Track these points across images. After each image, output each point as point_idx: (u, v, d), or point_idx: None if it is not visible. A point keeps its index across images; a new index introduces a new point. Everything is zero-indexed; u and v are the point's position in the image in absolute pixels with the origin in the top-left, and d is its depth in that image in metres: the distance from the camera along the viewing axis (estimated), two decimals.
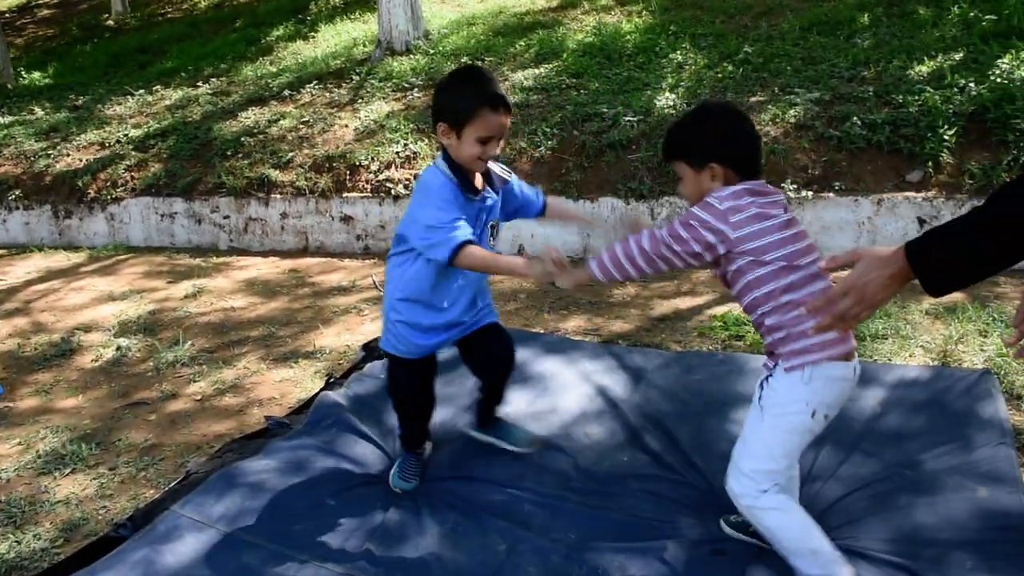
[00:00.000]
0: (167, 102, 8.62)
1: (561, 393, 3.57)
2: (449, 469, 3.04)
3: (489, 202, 2.66)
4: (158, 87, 9.15)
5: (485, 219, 2.68)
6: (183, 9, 14.27)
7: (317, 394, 3.71)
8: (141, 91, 9.08)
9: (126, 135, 7.80)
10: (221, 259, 6.46)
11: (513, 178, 2.80)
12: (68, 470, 3.44)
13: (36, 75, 11.19)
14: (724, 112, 2.33)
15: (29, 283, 6.19)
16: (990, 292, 4.68)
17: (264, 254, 6.58)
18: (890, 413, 3.26)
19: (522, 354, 3.91)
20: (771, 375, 2.30)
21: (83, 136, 7.97)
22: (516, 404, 3.46)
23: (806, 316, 2.15)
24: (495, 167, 2.66)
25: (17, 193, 7.60)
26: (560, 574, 2.49)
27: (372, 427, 3.33)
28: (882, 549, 2.50)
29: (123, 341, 4.79)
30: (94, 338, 4.93)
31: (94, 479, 3.35)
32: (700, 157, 2.24)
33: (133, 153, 7.45)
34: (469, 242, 2.45)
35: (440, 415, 3.36)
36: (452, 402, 3.50)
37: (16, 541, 2.95)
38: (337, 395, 3.53)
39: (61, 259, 6.84)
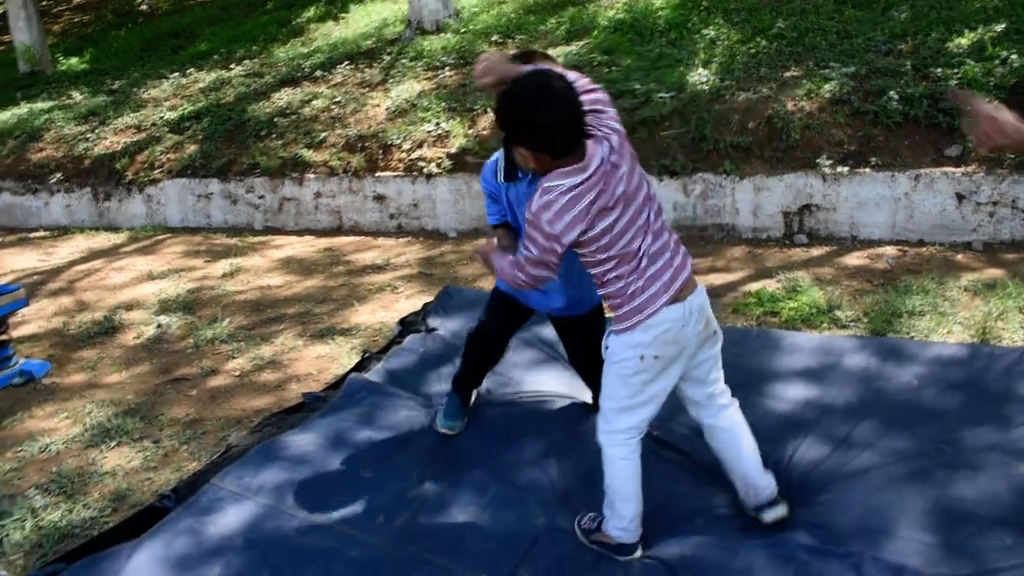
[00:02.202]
0: (201, 84, 8.70)
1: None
2: (490, 439, 3.08)
3: (523, 184, 2.76)
4: (192, 70, 9.24)
5: (525, 201, 2.74)
6: None
7: (354, 368, 3.77)
8: (176, 74, 9.17)
9: (162, 118, 7.90)
10: (257, 238, 6.55)
11: None
12: (114, 443, 3.54)
13: (73, 60, 11.36)
14: (517, 95, 2.22)
15: (72, 263, 6.33)
16: None
17: (299, 233, 6.65)
18: (928, 389, 3.24)
19: (548, 329, 3.94)
20: (610, 331, 2.45)
21: (120, 119, 8.09)
22: (553, 382, 3.50)
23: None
24: None
25: (58, 176, 7.75)
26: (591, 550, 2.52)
27: (409, 399, 3.38)
28: (919, 523, 2.50)
29: (163, 319, 4.89)
30: (136, 316, 5.03)
31: (139, 452, 3.45)
32: (526, 140, 2.25)
33: (169, 135, 7.55)
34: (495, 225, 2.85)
35: (490, 382, 3.42)
36: (504, 372, 3.54)
37: (68, 510, 3.05)
38: (374, 369, 3.58)
39: (102, 240, 6.97)
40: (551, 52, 7.26)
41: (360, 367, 3.78)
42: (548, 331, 3.95)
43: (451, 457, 2.97)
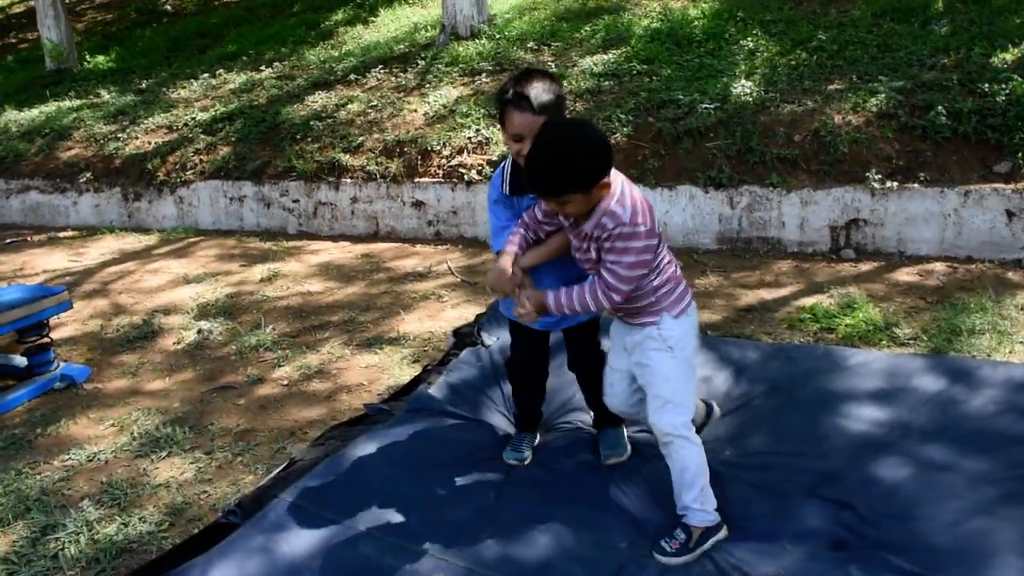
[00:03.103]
0: (231, 86, 8.66)
1: None
2: (559, 461, 3.01)
3: (531, 200, 2.75)
4: (221, 71, 9.20)
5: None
6: None
7: (415, 381, 3.70)
8: (205, 75, 9.13)
9: (193, 118, 7.85)
10: (292, 243, 6.49)
11: None
12: (164, 453, 3.47)
13: (100, 59, 11.33)
14: (583, 130, 2.38)
15: (104, 264, 6.27)
16: None
17: (334, 239, 6.59)
18: (1006, 414, 3.16)
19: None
20: (659, 324, 2.54)
21: (151, 119, 8.05)
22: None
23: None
24: None
25: (88, 176, 7.70)
26: (683, 572, 2.45)
27: (476, 413, 3.32)
28: (1019, 548, 2.43)
29: (204, 324, 4.83)
30: (175, 320, 4.97)
31: (191, 463, 3.38)
32: (592, 181, 2.32)
33: (202, 136, 7.50)
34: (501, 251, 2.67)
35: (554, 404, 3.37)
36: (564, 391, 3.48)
37: (123, 524, 2.98)
38: (436, 383, 3.52)
39: (133, 241, 6.92)
40: (588, 60, 7.21)
41: (419, 379, 3.71)
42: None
43: (525, 478, 2.90)
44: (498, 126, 6.40)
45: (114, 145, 7.82)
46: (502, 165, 2.82)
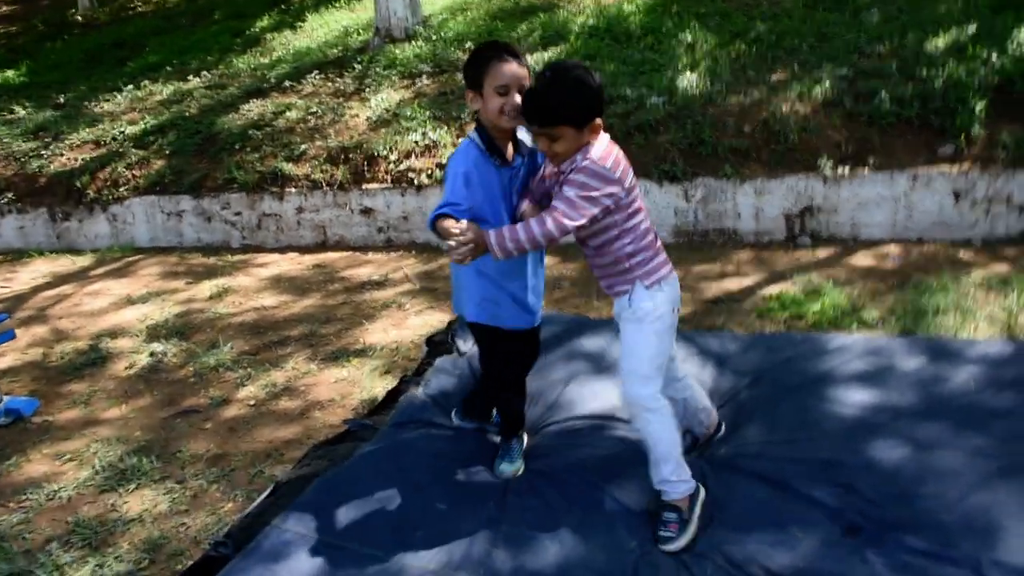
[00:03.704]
0: (158, 97, 8.31)
1: None
2: (556, 465, 2.93)
3: (517, 164, 2.72)
4: (145, 82, 8.82)
5: (518, 187, 2.74)
6: (153, 2, 13.83)
7: (393, 393, 3.57)
8: (129, 87, 8.74)
9: (122, 132, 7.49)
10: (237, 257, 6.25)
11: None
12: (132, 486, 3.27)
13: (10, 73, 10.76)
14: (585, 69, 2.43)
15: (37, 289, 5.93)
16: None
17: (281, 250, 6.37)
18: (987, 390, 3.22)
19: (594, 342, 3.84)
20: (631, 293, 2.55)
21: (76, 135, 7.65)
22: (604, 397, 3.37)
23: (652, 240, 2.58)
24: (524, 137, 2.75)
25: (10, 196, 7.27)
26: (699, 571, 2.40)
27: (464, 422, 3.22)
28: (1021, 515, 2.48)
29: (156, 346, 4.59)
30: (123, 344, 4.72)
31: (164, 494, 3.19)
32: (586, 116, 2.39)
33: (133, 151, 7.16)
34: (445, 215, 2.50)
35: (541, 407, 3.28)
36: (550, 392, 3.40)
37: (98, 565, 2.79)
38: (419, 392, 3.40)
39: (66, 263, 6.57)
40: (529, 59, 7.15)
41: (398, 391, 3.58)
42: (589, 342, 3.83)
43: (524, 486, 2.81)
44: (446, 127, 6.31)
45: (37, 163, 7.41)
46: (468, 139, 2.69)
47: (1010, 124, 5.30)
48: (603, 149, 2.43)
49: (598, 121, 2.43)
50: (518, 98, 2.53)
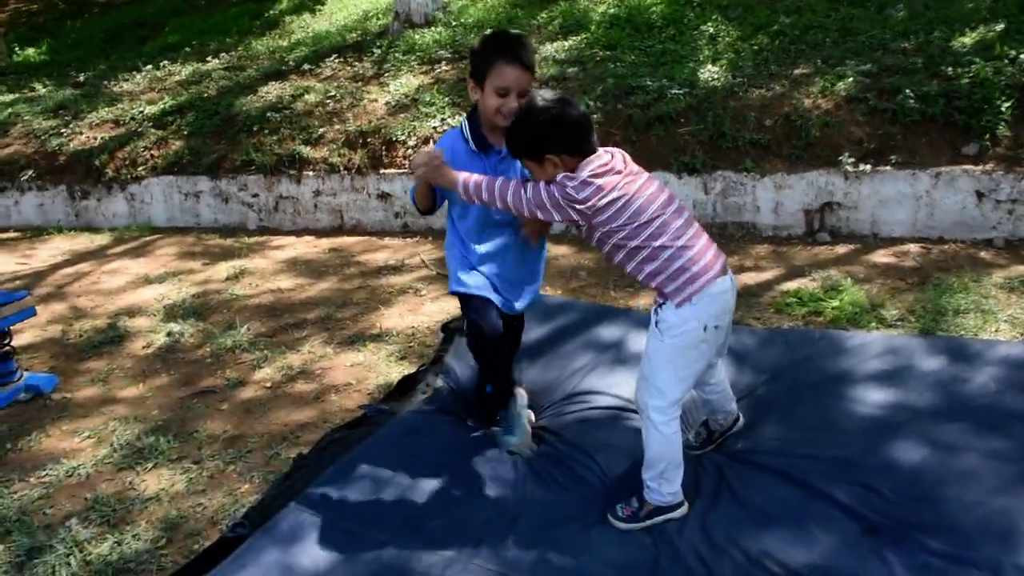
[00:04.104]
0: (177, 78, 8.33)
1: None
2: (576, 454, 2.93)
3: (504, 153, 2.75)
4: (165, 63, 8.84)
5: (505, 173, 2.79)
6: None
7: (410, 379, 3.58)
8: (148, 67, 8.76)
9: (141, 112, 7.51)
10: (253, 239, 6.27)
11: None
12: (150, 464, 3.29)
13: (31, 51, 10.80)
14: (548, 105, 2.49)
15: (56, 267, 5.96)
16: None
17: (298, 233, 6.38)
18: (1007, 391, 3.19)
19: (615, 331, 3.84)
20: (659, 307, 2.55)
21: (95, 113, 7.68)
22: (623, 387, 3.36)
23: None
24: None
25: (30, 173, 7.31)
26: (716, 565, 2.39)
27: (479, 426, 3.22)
28: None
29: (174, 326, 4.61)
30: (141, 323, 4.74)
31: (181, 473, 3.21)
32: (533, 151, 2.49)
33: (152, 131, 7.18)
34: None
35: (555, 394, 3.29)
36: (566, 380, 3.40)
37: (116, 542, 2.80)
38: (438, 380, 3.40)
39: (84, 241, 6.60)
40: (549, 47, 7.12)
41: (413, 377, 3.59)
42: (607, 331, 3.83)
43: (540, 476, 2.81)
44: (464, 114, 6.28)
45: (57, 141, 7.44)
46: (460, 125, 2.85)
47: None
48: (573, 184, 2.44)
49: (551, 157, 2.47)
50: (514, 103, 2.61)
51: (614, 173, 2.46)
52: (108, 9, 12.83)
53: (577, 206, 2.44)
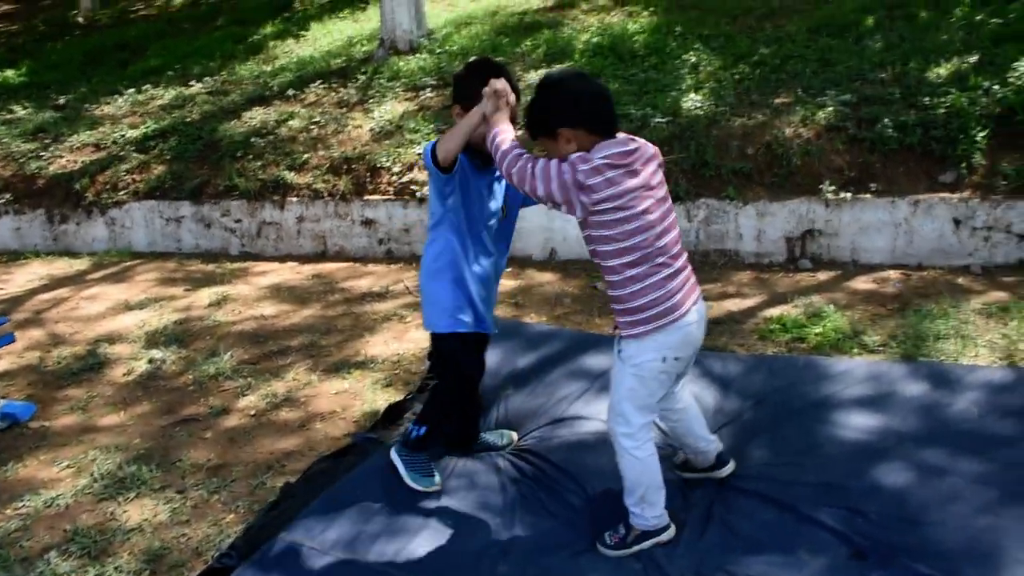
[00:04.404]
0: (160, 101, 8.30)
1: None
2: (567, 479, 2.93)
3: (499, 175, 2.78)
4: (147, 86, 8.81)
5: (497, 190, 2.83)
6: (156, 6, 13.84)
7: (398, 406, 3.56)
8: (130, 90, 8.73)
9: (123, 136, 7.48)
10: (236, 265, 6.23)
11: None
12: (132, 494, 3.25)
13: (10, 73, 10.72)
14: (562, 80, 2.48)
15: (34, 292, 5.90)
16: None
17: (280, 259, 6.35)
18: (988, 416, 3.24)
19: (601, 359, 3.83)
20: (622, 336, 2.53)
21: (76, 137, 7.63)
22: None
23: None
24: None
25: (7, 197, 7.24)
26: None
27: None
28: None
29: (155, 353, 4.57)
30: (121, 350, 4.69)
31: (164, 503, 3.17)
32: (546, 125, 2.40)
33: (133, 155, 7.14)
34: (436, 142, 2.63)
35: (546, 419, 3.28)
36: (556, 407, 3.39)
37: (98, 574, 2.76)
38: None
39: (63, 266, 6.53)
40: (534, 74, 7.18)
41: (401, 405, 3.57)
42: (593, 360, 3.83)
43: (530, 503, 2.80)
44: None
45: (36, 164, 7.38)
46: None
47: (1011, 154, 5.34)
48: (590, 155, 2.33)
49: (564, 131, 2.36)
50: None
51: (629, 174, 2.34)
52: (89, 31, 12.78)
53: (582, 196, 2.31)
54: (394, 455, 2.95)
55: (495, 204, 2.86)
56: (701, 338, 2.61)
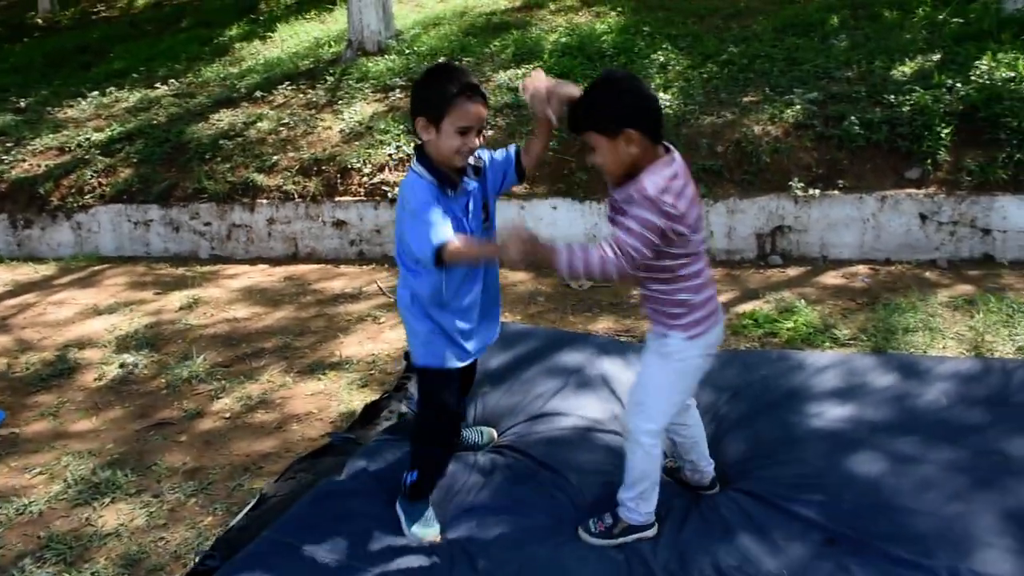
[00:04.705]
0: (125, 104, 8.18)
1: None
2: (554, 475, 2.94)
3: (472, 188, 2.58)
4: (111, 89, 8.68)
5: (473, 207, 2.60)
6: (118, 7, 13.65)
7: (373, 407, 3.55)
8: (94, 93, 8.59)
9: (88, 139, 7.35)
10: (206, 268, 6.16)
11: (485, 155, 2.67)
12: (107, 500, 3.21)
13: None
14: (628, 77, 2.40)
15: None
16: (995, 284, 4.82)
17: (251, 261, 6.29)
18: (957, 405, 3.31)
19: (576, 356, 3.85)
20: (668, 335, 2.48)
21: (39, 140, 7.48)
22: (589, 408, 3.39)
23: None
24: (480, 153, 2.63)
25: None
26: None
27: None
28: (998, 529, 2.56)
29: (127, 357, 4.51)
30: (92, 355, 4.62)
31: (141, 508, 3.13)
32: (610, 123, 2.26)
33: (99, 158, 7.02)
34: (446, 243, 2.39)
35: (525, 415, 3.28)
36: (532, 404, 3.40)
37: None
38: (403, 407, 3.38)
39: (27, 271, 6.41)
40: (503, 75, 7.19)
41: (377, 405, 3.56)
42: (569, 357, 3.84)
43: (509, 503, 2.80)
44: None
45: None
46: (415, 173, 2.51)
47: (974, 150, 5.46)
48: (661, 180, 2.23)
49: (630, 131, 2.23)
50: (475, 142, 2.45)
51: (682, 195, 2.27)
52: (49, 33, 12.57)
53: (675, 226, 2.24)
54: (397, 507, 2.74)
55: (476, 219, 2.62)
56: None
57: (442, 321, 2.62)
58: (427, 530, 2.67)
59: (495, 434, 3.30)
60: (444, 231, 2.38)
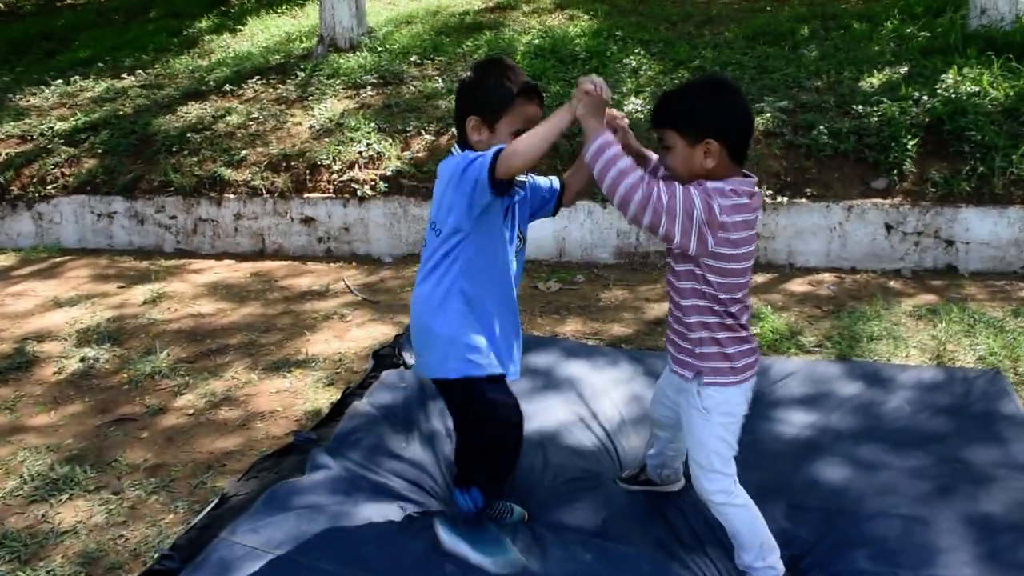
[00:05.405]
0: (90, 94, 8.03)
1: (596, 400, 3.51)
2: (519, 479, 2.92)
3: (517, 198, 2.49)
4: (76, 77, 8.52)
5: (514, 218, 2.50)
6: None
7: (338, 406, 3.51)
8: (58, 81, 8.42)
9: (51, 128, 7.20)
10: (171, 262, 6.06)
11: (529, 176, 2.61)
12: (65, 496, 3.13)
13: None
14: (727, 86, 2.22)
15: None
16: (958, 294, 4.90)
17: (217, 256, 6.20)
18: (920, 413, 3.36)
19: (544, 359, 3.85)
20: (699, 385, 2.33)
21: (0, 128, 7.33)
22: (555, 411, 3.39)
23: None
24: None
25: None
26: None
27: (409, 436, 3.18)
28: (960, 534, 2.60)
29: (88, 351, 4.41)
30: (51, 348, 4.52)
31: (100, 505, 3.06)
32: (694, 127, 2.11)
33: (63, 148, 6.88)
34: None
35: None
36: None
37: None
38: (365, 406, 3.35)
39: None
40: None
41: (342, 404, 3.52)
42: (537, 359, 3.84)
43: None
44: (390, 140, 6.26)
45: None
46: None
47: (939, 162, 5.55)
48: (726, 187, 2.08)
49: (713, 144, 2.08)
50: None
51: (755, 211, 2.16)
52: (11, 19, 12.31)
53: (715, 234, 2.08)
54: (448, 537, 2.49)
55: (511, 235, 2.49)
56: None
57: (485, 316, 2.43)
58: (507, 554, 2.46)
59: (526, 517, 2.77)
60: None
